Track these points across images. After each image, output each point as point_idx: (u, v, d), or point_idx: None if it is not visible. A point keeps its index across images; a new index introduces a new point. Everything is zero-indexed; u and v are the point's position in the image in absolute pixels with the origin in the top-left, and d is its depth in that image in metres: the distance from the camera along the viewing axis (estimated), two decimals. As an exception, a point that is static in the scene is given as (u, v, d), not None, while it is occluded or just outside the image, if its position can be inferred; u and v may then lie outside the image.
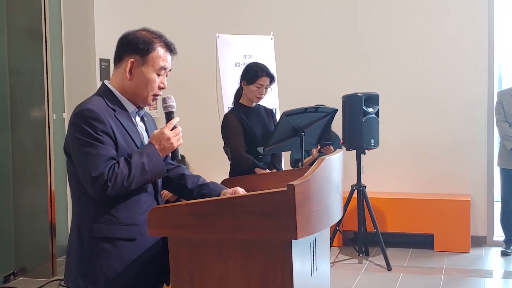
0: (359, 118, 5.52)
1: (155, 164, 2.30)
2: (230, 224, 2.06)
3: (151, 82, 2.36)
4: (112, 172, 2.20)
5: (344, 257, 5.87)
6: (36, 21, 5.26)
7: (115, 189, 2.21)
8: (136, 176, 2.24)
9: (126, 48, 2.36)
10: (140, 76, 2.35)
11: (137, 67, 2.35)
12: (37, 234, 5.37)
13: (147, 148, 2.32)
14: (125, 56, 2.36)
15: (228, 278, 2.10)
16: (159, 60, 2.36)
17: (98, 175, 2.18)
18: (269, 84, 4.34)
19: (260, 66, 4.37)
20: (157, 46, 2.36)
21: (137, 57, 2.34)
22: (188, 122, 6.33)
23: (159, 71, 2.37)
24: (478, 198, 6.21)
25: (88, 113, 2.24)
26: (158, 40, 2.37)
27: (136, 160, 2.25)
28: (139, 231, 2.30)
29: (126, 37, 2.38)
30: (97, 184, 2.19)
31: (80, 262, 2.30)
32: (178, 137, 2.38)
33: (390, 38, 6.40)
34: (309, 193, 2.08)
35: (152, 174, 2.30)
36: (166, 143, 2.34)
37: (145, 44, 2.34)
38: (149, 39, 2.36)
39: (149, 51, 2.34)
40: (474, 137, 6.20)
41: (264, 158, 4.39)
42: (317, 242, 2.39)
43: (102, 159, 2.20)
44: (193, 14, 6.87)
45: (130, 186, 2.24)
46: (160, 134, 2.35)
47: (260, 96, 4.33)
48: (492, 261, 5.76)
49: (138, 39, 2.35)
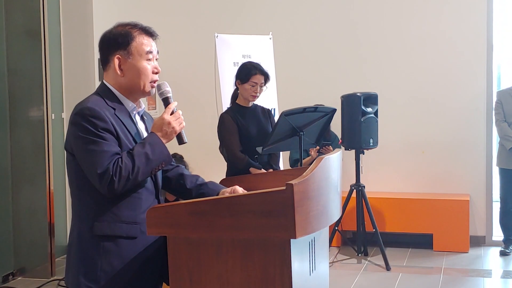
0: (358, 118, 5.52)
1: (160, 152, 2.29)
2: (229, 223, 2.05)
3: (143, 70, 2.36)
4: (117, 166, 2.20)
5: (343, 257, 5.87)
6: (35, 21, 5.25)
7: (122, 183, 2.21)
8: (141, 166, 2.23)
9: (107, 47, 2.38)
10: (131, 69, 2.35)
11: (124, 61, 2.35)
12: (36, 234, 5.36)
13: (149, 137, 2.32)
14: (110, 56, 2.37)
15: (227, 277, 2.10)
16: (143, 46, 2.36)
17: (103, 171, 2.19)
18: (264, 83, 4.33)
19: (254, 65, 4.37)
20: (136, 35, 2.37)
21: (121, 51, 2.35)
22: (187, 122, 6.30)
23: (146, 56, 2.37)
24: (477, 198, 6.21)
25: (89, 111, 2.24)
26: (134, 29, 2.38)
27: (138, 151, 2.25)
28: (139, 229, 2.30)
29: (104, 38, 2.40)
30: (104, 181, 2.19)
31: (81, 261, 2.30)
32: (179, 120, 2.37)
33: (388, 38, 6.40)
34: (308, 192, 2.08)
35: (158, 162, 2.29)
36: (168, 128, 2.33)
37: (124, 37, 2.35)
38: (126, 30, 2.37)
39: (129, 42, 2.35)
40: (473, 137, 6.20)
41: (261, 158, 4.38)
42: (316, 242, 2.39)
43: (106, 156, 2.21)
44: (192, 14, 6.86)
45: (137, 177, 2.24)
46: (160, 120, 2.34)
47: (255, 94, 4.32)
48: (491, 261, 5.76)
49: (115, 35, 2.36)
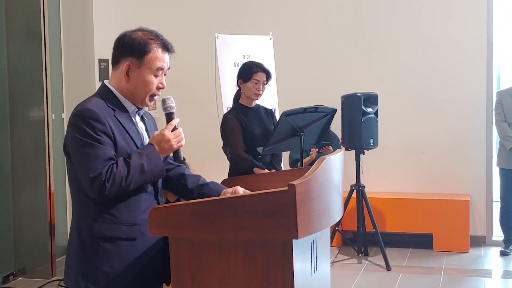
0: (358, 118, 5.52)
1: (154, 165, 2.30)
2: (231, 224, 2.05)
3: (148, 84, 2.35)
4: (110, 172, 2.20)
5: (344, 257, 5.87)
6: (35, 21, 5.25)
7: (113, 189, 2.21)
8: (135, 176, 2.24)
9: (122, 50, 2.35)
10: (137, 78, 2.34)
11: (133, 69, 2.33)
12: (37, 235, 5.36)
13: (146, 149, 2.32)
14: (121, 59, 2.35)
15: (229, 278, 2.11)
16: (156, 61, 2.34)
17: (96, 175, 2.19)
18: (266, 81, 4.34)
19: (255, 63, 4.40)
20: (153, 47, 2.34)
21: (133, 59, 2.33)
22: (187, 122, 6.31)
23: (156, 72, 2.35)
24: (477, 198, 6.21)
25: (88, 113, 2.24)
26: (154, 41, 2.35)
27: (135, 161, 2.25)
28: (139, 231, 2.31)
29: (122, 39, 2.37)
30: (95, 185, 2.19)
31: (81, 262, 2.30)
32: (179, 138, 2.38)
33: (388, 39, 6.40)
34: (309, 193, 2.08)
35: (151, 175, 2.30)
36: (166, 145, 2.34)
37: (141, 46, 2.32)
38: (145, 40, 2.33)
39: (145, 53, 2.32)
40: (473, 137, 6.20)
41: (264, 158, 4.39)
42: (317, 242, 2.39)
43: (101, 160, 2.20)
44: (192, 14, 6.87)
45: (129, 186, 2.24)
46: (160, 136, 2.35)
47: (258, 92, 4.33)
48: (491, 261, 5.76)
49: (134, 41, 2.33)
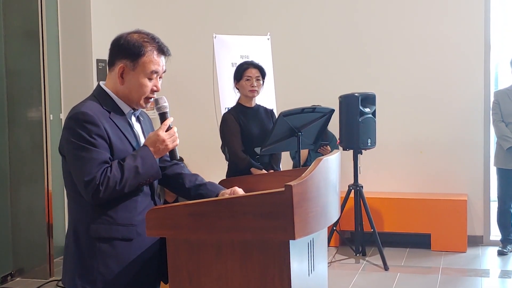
0: (356, 118, 5.53)
1: (149, 167, 2.30)
2: (228, 225, 2.06)
3: (142, 87, 2.34)
4: (104, 176, 2.20)
5: (341, 257, 5.88)
6: (33, 22, 5.25)
7: (107, 192, 2.21)
8: (129, 179, 2.24)
9: (117, 52, 2.35)
10: (131, 81, 2.34)
11: (128, 72, 2.33)
12: (35, 235, 5.36)
13: (141, 150, 2.32)
14: (116, 61, 2.35)
15: (226, 279, 2.11)
16: (150, 65, 2.33)
17: (90, 179, 2.19)
18: (260, 76, 4.35)
19: (245, 61, 4.48)
20: (148, 50, 2.33)
21: (127, 62, 2.32)
22: (185, 123, 6.34)
23: (150, 75, 2.34)
24: (475, 198, 6.22)
25: (82, 116, 2.24)
26: (150, 44, 2.34)
27: (129, 164, 2.25)
28: (136, 231, 2.31)
29: (117, 41, 2.36)
30: (89, 188, 2.20)
31: (77, 263, 2.30)
32: (173, 138, 2.38)
33: (386, 38, 6.41)
34: (307, 193, 2.09)
35: (146, 177, 2.30)
36: (161, 145, 2.34)
37: (136, 49, 2.31)
38: (140, 43, 2.33)
39: (139, 55, 2.31)
40: (471, 136, 6.21)
41: (262, 159, 4.39)
42: (314, 242, 2.39)
43: (95, 163, 2.21)
44: (190, 15, 6.87)
45: (124, 189, 2.25)
46: (154, 137, 2.35)
47: (253, 88, 4.33)
48: (489, 261, 5.77)
49: (129, 43, 2.33)
